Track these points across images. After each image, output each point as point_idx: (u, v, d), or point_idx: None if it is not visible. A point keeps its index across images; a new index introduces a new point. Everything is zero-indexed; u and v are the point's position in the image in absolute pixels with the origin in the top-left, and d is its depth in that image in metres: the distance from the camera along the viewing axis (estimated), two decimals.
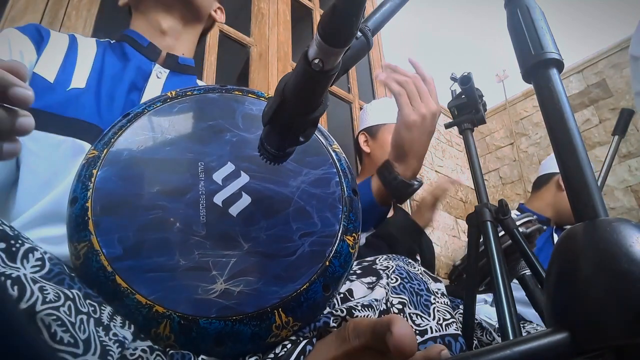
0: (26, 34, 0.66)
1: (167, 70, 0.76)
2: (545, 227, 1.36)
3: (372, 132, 1.47)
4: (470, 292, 0.77)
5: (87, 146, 0.59)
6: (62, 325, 0.29)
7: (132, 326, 0.37)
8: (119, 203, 0.42)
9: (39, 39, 0.67)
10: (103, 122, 0.63)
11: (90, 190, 0.42)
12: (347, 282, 0.48)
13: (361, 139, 1.48)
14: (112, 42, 0.78)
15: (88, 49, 0.72)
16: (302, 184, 0.47)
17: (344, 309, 0.43)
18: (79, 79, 0.66)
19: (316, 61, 0.33)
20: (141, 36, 0.77)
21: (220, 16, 0.90)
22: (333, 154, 0.50)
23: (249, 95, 0.53)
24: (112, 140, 0.46)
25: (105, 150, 0.45)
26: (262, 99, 0.53)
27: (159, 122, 0.49)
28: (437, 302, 0.50)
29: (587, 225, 0.29)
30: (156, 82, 0.74)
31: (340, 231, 0.45)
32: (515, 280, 0.90)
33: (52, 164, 0.58)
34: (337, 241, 0.44)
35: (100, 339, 0.32)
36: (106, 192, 0.42)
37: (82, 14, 1.27)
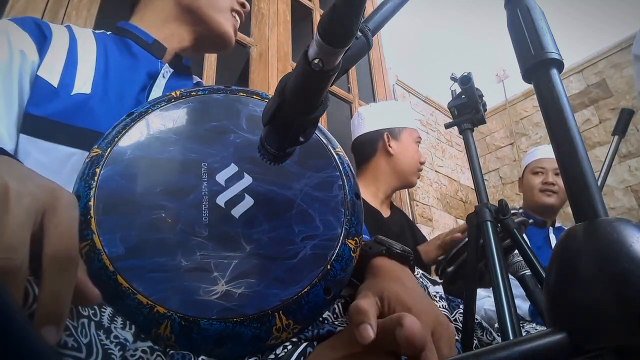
0: (26, 30, 0.62)
1: (172, 70, 0.75)
2: (531, 221, 1.37)
3: (395, 133, 1.45)
4: (470, 291, 0.76)
5: None
6: (66, 330, 0.29)
7: (133, 327, 0.37)
8: (121, 202, 0.42)
9: (41, 37, 0.63)
10: None
11: (93, 188, 0.42)
12: (348, 287, 0.48)
13: (385, 138, 1.43)
14: (108, 33, 0.75)
15: (87, 46, 0.68)
16: (305, 187, 0.47)
17: (349, 320, 0.43)
18: (83, 82, 0.63)
19: (316, 61, 0.33)
20: (145, 32, 0.75)
21: None
22: (336, 157, 0.50)
23: (254, 96, 0.53)
24: (116, 139, 0.46)
25: (109, 149, 0.45)
26: (266, 100, 0.53)
27: (163, 122, 0.49)
28: (436, 305, 0.49)
29: (587, 225, 0.29)
30: (161, 82, 0.72)
31: (342, 235, 0.45)
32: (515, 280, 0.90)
33: (62, 178, 0.54)
34: (339, 245, 0.44)
35: (102, 342, 0.32)
36: (109, 191, 0.42)
37: (82, 14, 1.28)
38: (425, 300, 0.42)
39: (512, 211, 0.91)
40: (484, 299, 1.38)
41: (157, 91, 0.71)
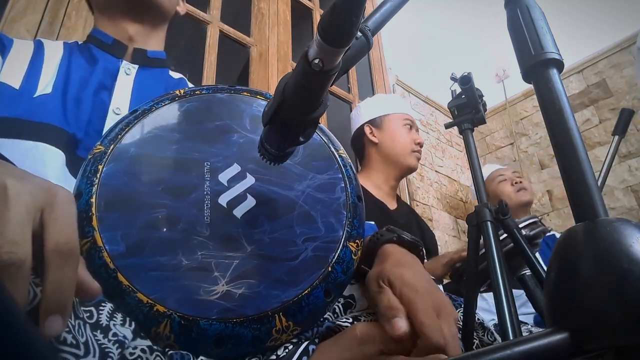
0: None
1: (136, 66, 0.75)
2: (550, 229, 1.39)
3: (376, 123, 1.48)
4: (470, 292, 0.77)
5: (56, 152, 0.58)
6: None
7: (133, 323, 0.37)
8: (123, 200, 0.42)
9: (1, 47, 0.66)
10: (69, 125, 0.62)
11: (96, 185, 0.42)
12: (349, 287, 0.48)
13: (366, 130, 1.49)
14: (79, 43, 0.77)
15: (54, 54, 0.71)
16: (308, 188, 0.47)
17: (350, 317, 0.43)
18: (45, 85, 0.65)
19: (316, 61, 0.33)
20: (105, 34, 0.76)
21: (182, 8, 0.89)
22: (339, 159, 0.50)
23: (258, 96, 0.53)
24: (119, 136, 0.46)
25: (112, 146, 0.45)
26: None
27: (167, 120, 0.49)
28: (441, 290, 0.49)
29: (587, 225, 0.29)
30: (125, 79, 0.72)
31: (344, 237, 0.45)
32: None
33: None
34: (340, 247, 0.44)
35: (99, 342, 0.32)
36: (111, 188, 0.42)
37: (82, 14, 1.27)
38: (431, 284, 0.43)
39: (530, 221, 0.90)
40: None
41: (123, 88, 0.71)
